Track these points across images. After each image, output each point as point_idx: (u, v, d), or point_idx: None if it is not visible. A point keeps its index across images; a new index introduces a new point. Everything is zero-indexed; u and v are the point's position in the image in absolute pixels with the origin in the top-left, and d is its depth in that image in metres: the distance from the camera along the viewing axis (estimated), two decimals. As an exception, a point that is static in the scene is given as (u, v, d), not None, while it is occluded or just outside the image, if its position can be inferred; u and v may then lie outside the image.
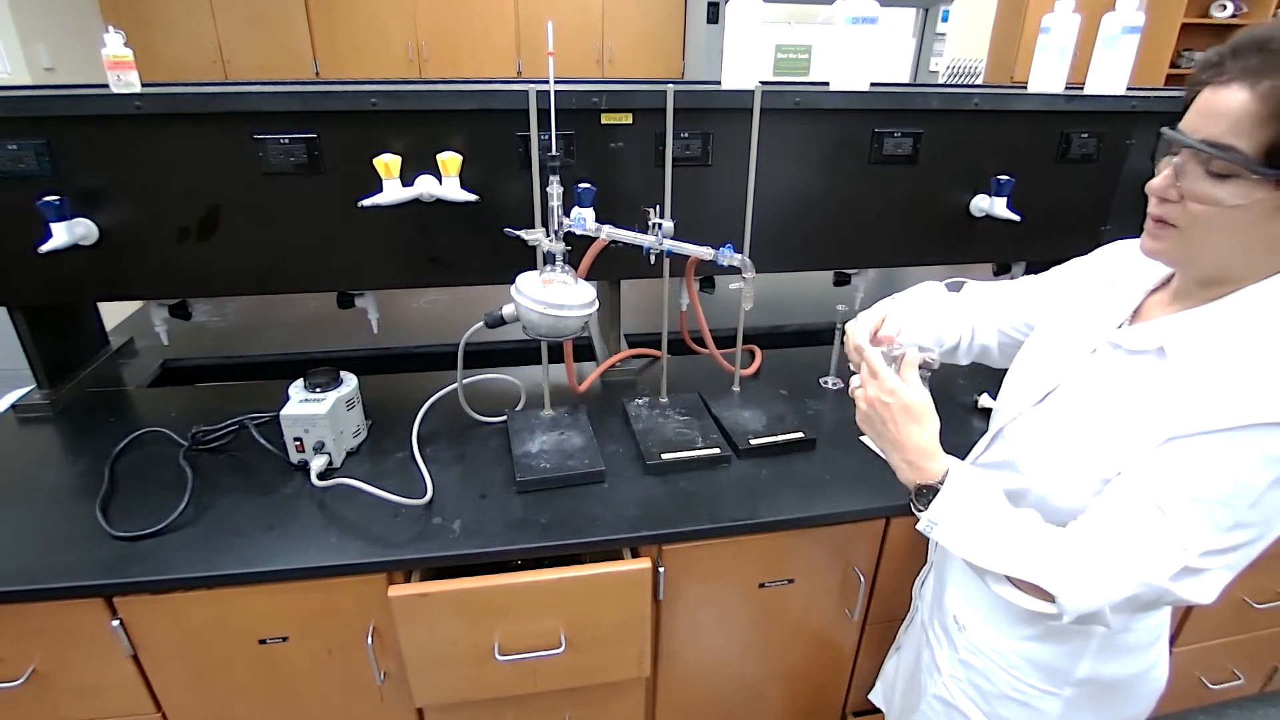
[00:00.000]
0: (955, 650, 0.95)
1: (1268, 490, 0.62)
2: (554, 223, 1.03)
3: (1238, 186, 0.61)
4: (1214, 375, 0.64)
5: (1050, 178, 1.45)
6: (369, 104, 1.15)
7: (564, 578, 1.01)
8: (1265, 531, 0.65)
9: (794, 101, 1.29)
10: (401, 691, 1.09)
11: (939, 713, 0.99)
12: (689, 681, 1.28)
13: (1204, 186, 0.62)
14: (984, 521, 0.74)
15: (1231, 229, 0.63)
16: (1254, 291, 0.65)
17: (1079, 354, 0.80)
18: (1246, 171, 0.59)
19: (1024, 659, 0.87)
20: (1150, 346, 0.72)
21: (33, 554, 0.99)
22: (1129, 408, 0.71)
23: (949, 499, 0.75)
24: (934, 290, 1.00)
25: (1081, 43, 1.38)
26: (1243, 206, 0.61)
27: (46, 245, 1.11)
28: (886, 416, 0.79)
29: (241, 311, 1.93)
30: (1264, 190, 0.60)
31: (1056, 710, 0.87)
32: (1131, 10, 1.32)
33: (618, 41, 3.97)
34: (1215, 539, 0.64)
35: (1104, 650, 0.84)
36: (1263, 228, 0.62)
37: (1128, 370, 0.74)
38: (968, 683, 0.94)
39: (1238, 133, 0.59)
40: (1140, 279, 0.80)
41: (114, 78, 1.13)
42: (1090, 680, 0.85)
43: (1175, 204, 0.65)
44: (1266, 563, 1.45)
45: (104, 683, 1.05)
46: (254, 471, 1.17)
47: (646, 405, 1.35)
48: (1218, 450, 0.62)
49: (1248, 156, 0.59)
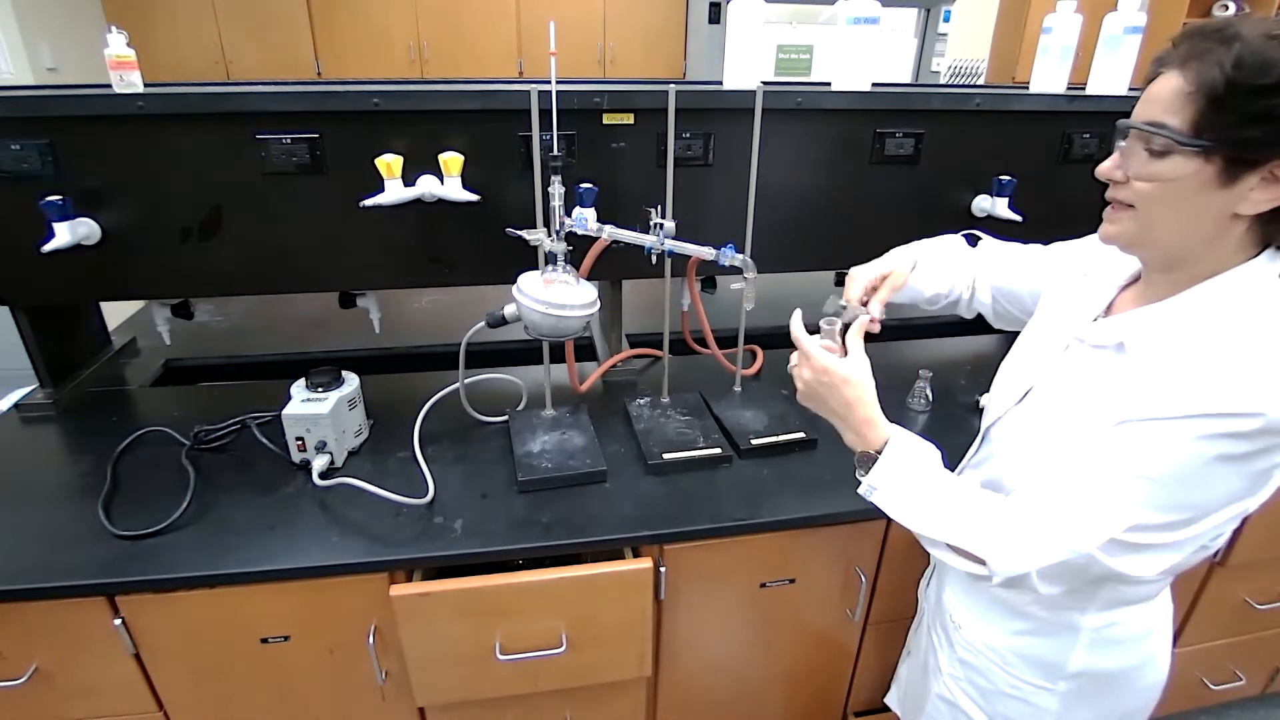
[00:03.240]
0: (954, 650, 0.96)
1: (1204, 475, 0.65)
2: (555, 223, 1.03)
3: (1173, 161, 0.65)
4: (1165, 367, 0.68)
5: (1052, 178, 1.45)
6: (371, 104, 1.16)
7: (565, 577, 1.01)
8: (1201, 515, 0.67)
9: (795, 102, 1.29)
10: (403, 691, 1.09)
11: (943, 713, 0.99)
12: (690, 681, 1.28)
13: (1146, 165, 0.67)
14: (921, 487, 0.79)
15: (1172, 203, 0.67)
16: (1208, 288, 0.69)
17: (1054, 351, 0.84)
18: (1179, 145, 0.64)
19: (1017, 655, 0.89)
20: (1111, 342, 0.75)
21: (35, 553, 0.99)
22: (1090, 401, 0.75)
23: (887, 465, 0.80)
24: (950, 243, 1.05)
25: (1083, 43, 1.38)
26: (1180, 179, 0.65)
27: (49, 245, 1.11)
28: (825, 393, 0.84)
29: (244, 311, 1.93)
30: (1196, 162, 0.64)
31: (1055, 706, 0.88)
32: (1133, 10, 1.32)
33: (619, 42, 3.97)
34: (1146, 516, 0.67)
35: (1095, 643, 0.85)
36: (1198, 200, 0.66)
37: (1092, 365, 0.78)
38: (967, 681, 0.95)
39: (1171, 111, 0.64)
40: (1114, 274, 0.83)
41: (116, 78, 1.14)
42: (1084, 674, 0.86)
43: (1124, 185, 0.70)
44: (1267, 563, 1.47)
45: (106, 682, 1.05)
46: (256, 471, 1.17)
47: (648, 405, 1.35)
48: (1161, 435, 0.65)
49: (1178, 131, 0.64)
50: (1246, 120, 0.61)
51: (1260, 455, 0.63)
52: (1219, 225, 0.66)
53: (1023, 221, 1.38)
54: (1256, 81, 0.60)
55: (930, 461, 0.81)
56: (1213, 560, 1.43)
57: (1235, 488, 0.66)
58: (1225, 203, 0.65)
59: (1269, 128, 0.61)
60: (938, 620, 1.01)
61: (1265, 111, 0.60)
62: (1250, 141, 0.62)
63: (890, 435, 0.82)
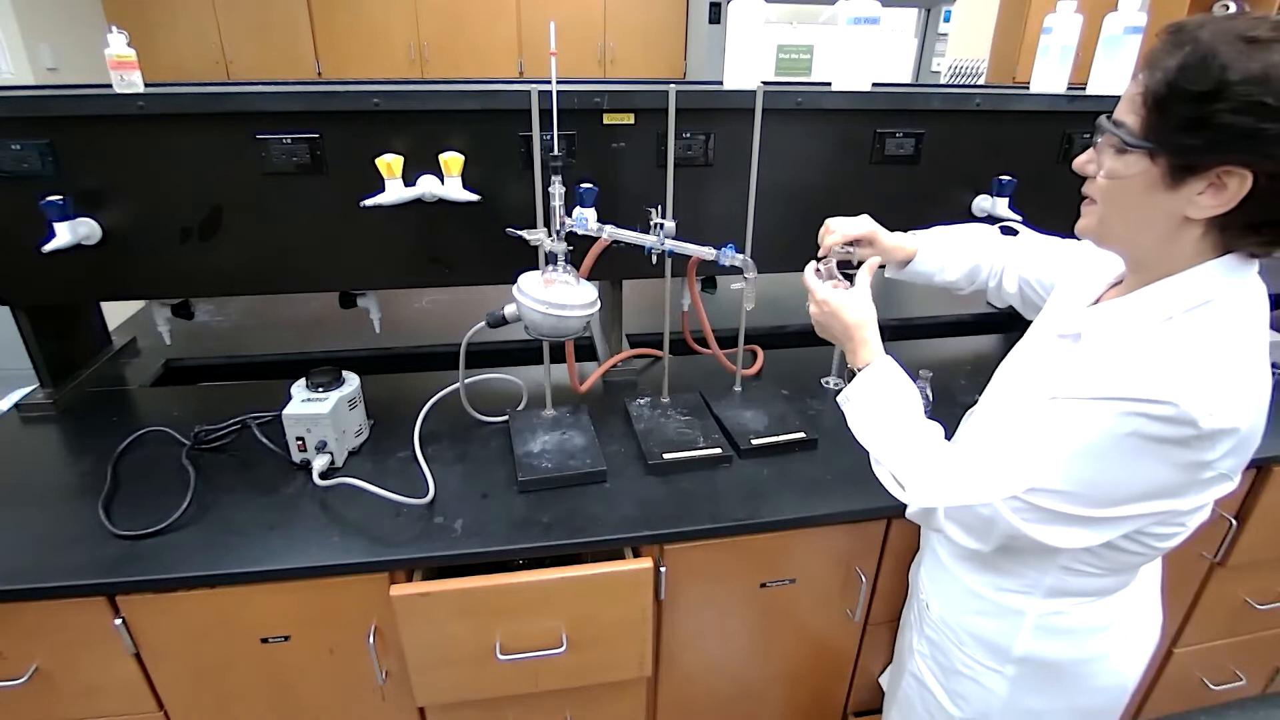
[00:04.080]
0: (923, 628, 1.01)
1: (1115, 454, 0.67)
2: (556, 223, 1.03)
3: (1127, 160, 0.67)
4: (1100, 355, 0.71)
5: (1052, 178, 1.45)
6: (371, 104, 1.16)
7: (565, 577, 1.01)
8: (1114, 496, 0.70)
9: (796, 102, 1.29)
10: (403, 691, 1.09)
11: (914, 690, 1.04)
12: (690, 681, 1.28)
13: (1110, 161, 0.69)
14: (883, 409, 0.88)
15: (1125, 201, 0.69)
16: (1161, 286, 0.70)
17: (1028, 340, 0.89)
18: (1126, 146, 0.66)
19: (969, 634, 0.92)
20: (1072, 332, 0.79)
21: (35, 553, 0.99)
22: (1037, 381, 0.80)
23: (862, 381, 0.90)
24: (978, 231, 1.10)
25: (1084, 43, 1.38)
26: (1130, 178, 0.67)
27: (49, 245, 1.11)
28: (827, 322, 0.94)
29: (244, 311, 1.93)
30: (1145, 163, 0.65)
31: (1004, 689, 0.91)
32: (1134, 10, 1.32)
33: (620, 42, 3.97)
34: (1050, 482, 0.70)
35: (1040, 630, 0.87)
36: (1148, 200, 0.67)
37: (1052, 353, 0.82)
38: (932, 659, 0.99)
39: (1131, 110, 0.66)
40: (1105, 271, 0.84)
41: (117, 78, 1.14)
42: (1029, 660, 0.88)
43: (1093, 180, 0.72)
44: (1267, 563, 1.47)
45: (106, 682, 1.05)
46: (256, 471, 1.17)
47: (648, 405, 1.35)
48: (1080, 411, 0.68)
49: (1130, 131, 0.65)
50: (1185, 126, 0.61)
51: (1175, 446, 0.65)
52: (1170, 227, 0.67)
53: (1022, 221, 1.38)
54: (1193, 88, 0.60)
55: (905, 393, 0.88)
56: (1213, 560, 1.43)
57: (1154, 475, 0.67)
58: (1174, 205, 0.65)
59: (1207, 135, 0.60)
60: (914, 600, 1.06)
61: (1202, 118, 0.60)
62: (1190, 148, 0.62)
63: (875, 359, 0.90)
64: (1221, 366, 0.65)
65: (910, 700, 1.06)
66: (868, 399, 0.89)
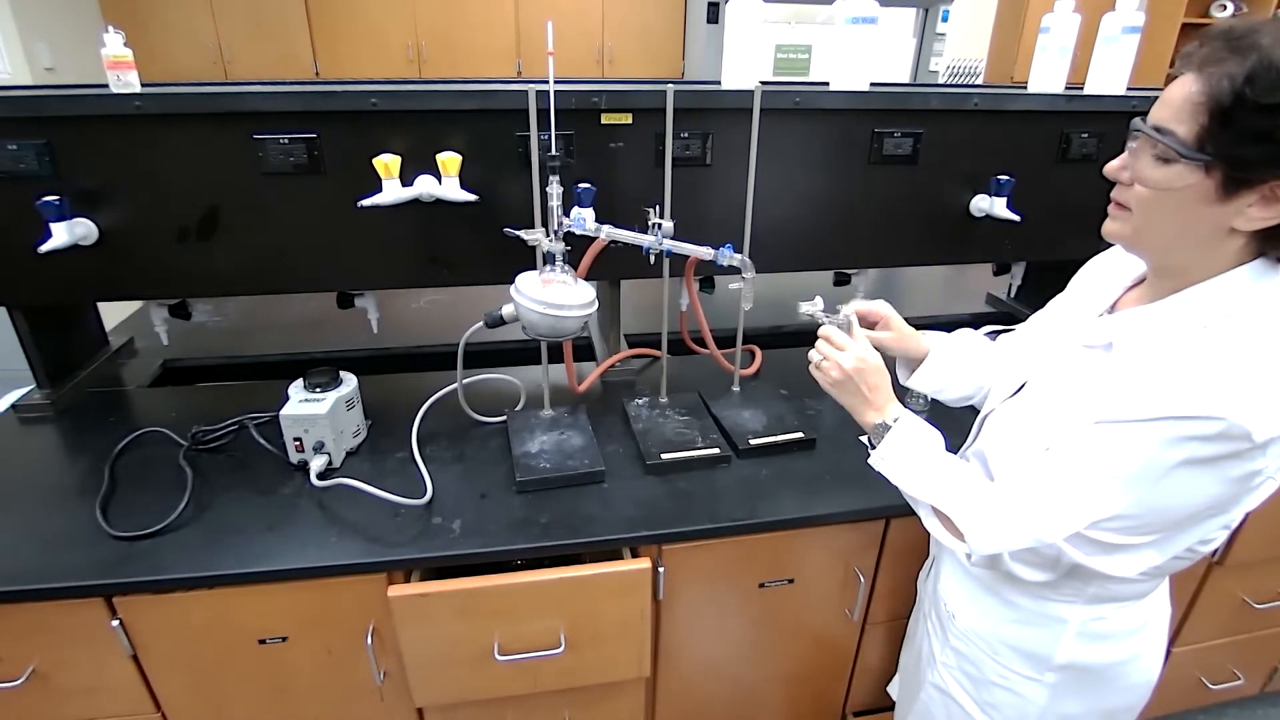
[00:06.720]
0: (948, 639, 0.98)
1: (1172, 478, 0.65)
2: (554, 223, 1.02)
3: (1174, 170, 0.63)
4: (1141, 370, 0.68)
5: (1050, 178, 1.45)
6: (369, 104, 1.15)
7: (564, 578, 1.01)
8: (1174, 518, 0.69)
9: (794, 101, 1.29)
10: (401, 691, 1.09)
11: (936, 701, 1.01)
12: (689, 681, 1.28)
13: (1149, 170, 0.66)
14: (924, 458, 0.84)
15: (1170, 213, 0.66)
16: (1194, 293, 0.68)
17: (1053, 347, 0.85)
18: (1180, 156, 0.62)
19: (1007, 645, 0.90)
20: (1101, 341, 0.76)
21: (33, 554, 0.98)
22: (1076, 398, 0.76)
23: (899, 434, 0.85)
24: (973, 338, 1.04)
25: (1082, 43, 1.38)
26: (1177, 190, 0.64)
27: (46, 245, 1.11)
28: (859, 380, 0.88)
29: (241, 312, 1.93)
30: (1195, 175, 0.62)
31: (1043, 698, 0.89)
32: (1131, 10, 1.32)
33: (617, 41, 3.97)
34: (1111, 514, 0.69)
35: (1083, 636, 0.85)
36: (1194, 213, 0.65)
37: (1083, 363, 0.78)
38: (959, 670, 0.96)
39: (1179, 118, 0.62)
40: (1123, 272, 0.83)
41: (114, 78, 1.13)
42: (1072, 666, 0.87)
43: (1127, 187, 0.69)
44: (1266, 562, 1.47)
45: (104, 683, 1.05)
46: (254, 471, 1.17)
47: (646, 405, 1.35)
48: (1131, 436, 0.66)
49: (1182, 141, 0.62)
50: (1249, 138, 0.59)
51: (1230, 460, 0.63)
52: (1215, 237, 0.66)
53: (1021, 221, 1.38)
54: (1265, 100, 0.58)
55: (936, 439, 0.85)
56: (1211, 560, 1.43)
57: (1211, 493, 0.66)
58: (1222, 217, 0.64)
59: (1268, 148, 0.59)
60: (934, 610, 1.02)
61: (1268, 131, 0.58)
62: (1250, 160, 0.60)
63: (901, 414, 0.87)
64: (1264, 373, 0.63)
65: (931, 711, 1.03)
66: (908, 456, 0.85)
